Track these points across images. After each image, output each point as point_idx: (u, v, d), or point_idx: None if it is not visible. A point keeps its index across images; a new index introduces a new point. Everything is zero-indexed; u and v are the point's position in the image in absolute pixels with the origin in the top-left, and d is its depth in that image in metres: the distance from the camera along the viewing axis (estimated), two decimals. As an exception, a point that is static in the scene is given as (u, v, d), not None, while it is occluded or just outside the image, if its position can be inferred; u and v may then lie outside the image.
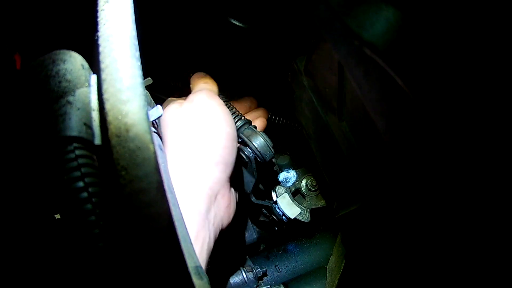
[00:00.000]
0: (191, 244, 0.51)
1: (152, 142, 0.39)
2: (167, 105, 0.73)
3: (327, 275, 0.84)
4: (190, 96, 0.71)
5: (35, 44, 0.57)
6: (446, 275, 0.46)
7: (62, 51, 0.45)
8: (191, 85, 0.80)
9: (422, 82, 0.38)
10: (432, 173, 0.41)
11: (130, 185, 0.38)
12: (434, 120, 0.37)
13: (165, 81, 0.96)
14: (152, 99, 0.70)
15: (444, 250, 0.45)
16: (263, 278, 0.85)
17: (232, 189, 0.68)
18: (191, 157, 0.61)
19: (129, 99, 0.39)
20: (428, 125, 0.39)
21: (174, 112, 0.67)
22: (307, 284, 0.84)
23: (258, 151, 0.74)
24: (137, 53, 0.42)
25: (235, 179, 0.69)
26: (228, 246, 0.64)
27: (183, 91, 0.90)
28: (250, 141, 0.75)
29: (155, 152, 0.39)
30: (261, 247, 0.94)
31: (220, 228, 0.64)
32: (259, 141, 0.74)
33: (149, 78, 0.68)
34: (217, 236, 0.62)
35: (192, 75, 0.82)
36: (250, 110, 0.92)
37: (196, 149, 0.62)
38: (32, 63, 0.45)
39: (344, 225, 0.83)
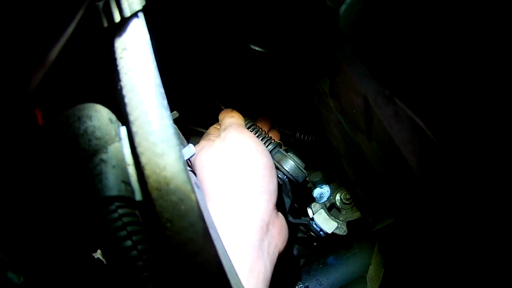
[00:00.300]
0: (238, 276, 0.51)
1: (193, 191, 0.38)
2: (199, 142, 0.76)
3: (368, 284, 0.83)
4: (221, 134, 0.72)
5: (53, 95, 0.57)
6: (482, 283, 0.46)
7: (86, 106, 0.44)
8: (219, 120, 0.82)
9: (447, 130, 0.39)
10: (456, 199, 0.42)
11: (176, 236, 0.38)
12: (456, 162, 0.39)
13: (192, 111, 0.96)
14: (182, 135, 0.70)
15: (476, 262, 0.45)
16: (306, 293, 0.84)
17: (279, 214, 0.68)
18: (234, 194, 0.62)
19: (164, 152, 0.38)
20: (453, 166, 0.40)
21: (208, 153, 0.68)
22: (348, 294, 0.84)
23: (291, 174, 0.75)
24: (165, 102, 0.41)
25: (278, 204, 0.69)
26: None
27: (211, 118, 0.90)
28: (282, 166, 0.75)
29: (197, 201, 0.38)
30: (301, 262, 0.93)
31: (277, 255, 0.64)
32: (290, 165, 0.75)
33: (175, 111, 0.68)
34: (274, 263, 0.63)
35: (217, 102, 0.83)
36: (268, 129, 0.92)
37: (238, 185, 0.63)
38: (57, 121, 0.44)
39: (381, 235, 0.83)
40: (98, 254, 0.51)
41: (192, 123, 0.96)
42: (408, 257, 0.70)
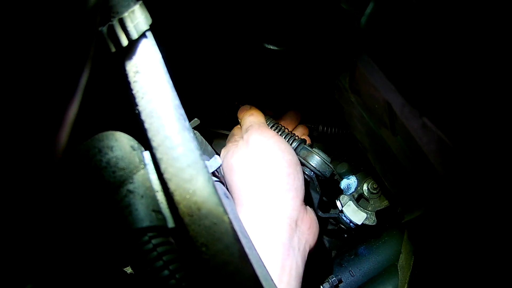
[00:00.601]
0: (273, 281, 0.51)
1: (226, 213, 0.38)
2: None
3: (399, 273, 0.83)
4: (244, 136, 0.73)
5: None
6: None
7: (105, 136, 0.43)
8: (239, 120, 0.82)
9: (470, 143, 0.39)
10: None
11: (212, 259, 0.37)
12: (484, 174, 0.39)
13: (213, 113, 0.96)
14: (205, 141, 0.69)
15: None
16: (339, 285, 0.83)
17: (308, 209, 0.69)
18: (261, 195, 0.63)
19: (192, 176, 0.37)
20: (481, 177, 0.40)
21: (235, 156, 0.70)
22: (380, 284, 0.83)
23: (318, 170, 0.74)
24: (187, 123, 0.40)
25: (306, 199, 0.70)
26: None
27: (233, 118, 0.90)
28: (308, 162, 0.75)
29: (231, 223, 0.37)
30: (333, 254, 0.93)
31: (308, 250, 0.65)
32: (316, 160, 0.74)
33: (196, 119, 0.67)
34: (306, 258, 0.63)
35: (237, 103, 0.85)
36: (296, 124, 0.91)
37: (264, 186, 0.64)
38: (76, 154, 0.43)
39: (410, 225, 0.82)
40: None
41: (215, 126, 0.96)
42: (437, 245, 0.69)
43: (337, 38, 0.60)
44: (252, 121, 0.77)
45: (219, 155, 0.65)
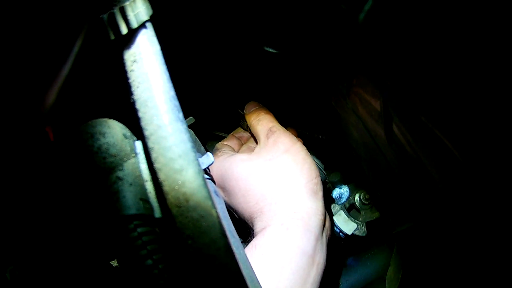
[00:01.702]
0: (258, 282, 0.51)
1: (214, 207, 0.37)
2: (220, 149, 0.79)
3: (386, 286, 0.83)
4: (270, 139, 0.73)
5: (64, 109, 0.56)
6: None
7: (98, 122, 0.43)
8: (250, 118, 0.81)
9: (471, 148, 0.39)
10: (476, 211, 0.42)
11: (198, 253, 0.37)
12: (478, 177, 0.39)
13: (209, 114, 0.96)
14: (199, 141, 0.69)
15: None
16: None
17: None
18: (297, 195, 0.65)
19: (182, 167, 0.37)
20: (474, 180, 0.40)
21: (260, 159, 0.71)
22: (367, 297, 0.83)
23: None
24: (181, 114, 0.40)
25: None
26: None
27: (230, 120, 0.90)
28: None
29: (218, 217, 0.37)
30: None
31: (327, 245, 0.67)
32: None
33: (191, 117, 0.67)
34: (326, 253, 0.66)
35: (240, 110, 0.85)
36: None
37: (299, 187, 0.66)
38: (69, 138, 0.43)
39: (400, 237, 0.82)
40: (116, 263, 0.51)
41: (209, 127, 0.96)
42: (427, 259, 0.69)
43: (337, 44, 0.60)
44: (272, 121, 0.77)
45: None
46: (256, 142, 0.79)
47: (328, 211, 0.81)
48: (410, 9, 0.41)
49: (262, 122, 0.77)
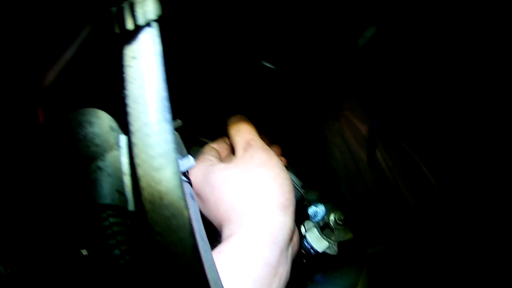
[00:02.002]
0: (222, 286, 0.51)
1: (187, 207, 0.38)
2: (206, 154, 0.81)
3: (352, 307, 0.84)
4: (248, 152, 0.75)
5: (58, 95, 0.57)
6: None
7: (87, 111, 0.44)
8: (231, 129, 0.83)
9: (446, 176, 0.40)
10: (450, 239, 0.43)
11: (165, 250, 0.38)
12: (453, 205, 0.40)
13: (198, 121, 0.97)
14: (183, 144, 0.70)
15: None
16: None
17: None
18: (266, 207, 0.66)
19: (161, 166, 0.38)
20: (449, 207, 0.41)
21: (233, 170, 0.72)
22: (333, 315, 0.84)
23: None
24: (169, 116, 0.41)
25: None
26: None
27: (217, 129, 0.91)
28: None
29: (189, 218, 0.38)
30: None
31: (293, 259, 0.69)
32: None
33: (179, 120, 0.68)
34: (291, 267, 0.67)
35: (227, 120, 0.85)
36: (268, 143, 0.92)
37: (269, 199, 0.67)
38: (58, 123, 0.44)
39: (370, 259, 0.83)
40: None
41: (196, 133, 0.97)
42: (395, 283, 0.70)
43: (334, 67, 0.62)
44: (253, 133, 0.79)
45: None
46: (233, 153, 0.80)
47: (300, 228, 0.82)
48: (408, 40, 0.42)
49: (240, 134, 0.79)
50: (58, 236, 0.45)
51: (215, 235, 0.72)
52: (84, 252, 0.47)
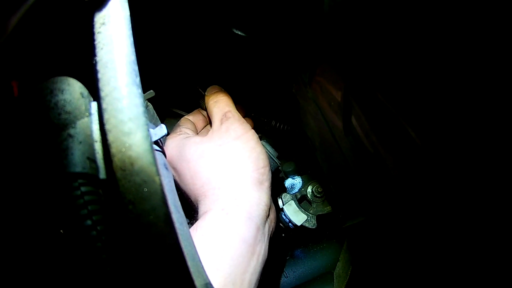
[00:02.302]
0: (200, 261, 0.51)
1: (158, 174, 0.38)
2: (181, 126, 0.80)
3: (334, 281, 0.84)
4: (224, 125, 0.74)
5: (31, 66, 0.55)
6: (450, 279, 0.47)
7: (59, 79, 0.43)
8: (206, 102, 0.82)
9: (430, 132, 0.39)
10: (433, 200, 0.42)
11: (137, 219, 0.37)
12: (437, 163, 0.39)
13: (171, 92, 0.95)
14: (156, 115, 0.69)
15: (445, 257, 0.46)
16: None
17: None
18: (242, 183, 0.66)
19: (131, 130, 0.37)
20: (432, 166, 0.40)
21: (209, 143, 0.72)
22: (314, 289, 0.84)
23: None
24: (138, 79, 0.40)
25: None
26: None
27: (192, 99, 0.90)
28: None
29: (161, 185, 0.37)
30: (267, 254, 0.93)
31: (271, 236, 0.68)
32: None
33: (151, 91, 0.67)
34: (268, 244, 0.66)
35: (198, 87, 0.85)
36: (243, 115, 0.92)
37: (245, 175, 0.67)
38: (30, 93, 0.43)
39: (351, 232, 0.83)
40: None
41: (169, 104, 0.95)
42: (377, 255, 0.70)
43: (303, 32, 0.61)
44: (229, 105, 0.78)
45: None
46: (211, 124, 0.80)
47: (277, 201, 0.82)
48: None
49: (218, 105, 0.79)
50: (33, 210, 0.44)
51: (193, 213, 0.71)
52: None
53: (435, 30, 0.37)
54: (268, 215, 0.68)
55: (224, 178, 0.67)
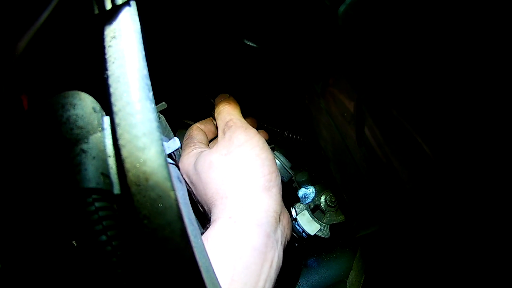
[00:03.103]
0: (214, 273, 0.51)
1: (173, 188, 0.37)
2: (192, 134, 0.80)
3: (347, 290, 0.83)
4: (226, 134, 0.74)
5: (40, 80, 0.55)
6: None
7: (70, 93, 0.43)
8: (216, 113, 0.82)
9: (442, 145, 0.38)
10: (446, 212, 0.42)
11: (153, 233, 0.37)
12: (449, 177, 0.39)
13: (183, 103, 0.95)
14: (169, 127, 0.69)
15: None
16: (285, 293, 0.83)
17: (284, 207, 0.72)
18: (247, 189, 0.66)
19: (145, 145, 0.37)
20: (445, 180, 0.40)
21: (215, 154, 0.72)
22: (327, 298, 0.83)
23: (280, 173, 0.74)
24: (151, 94, 0.40)
25: None
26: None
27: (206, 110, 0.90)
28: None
29: (176, 199, 0.37)
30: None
31: (285, 244, 0.68)
32: (278, 165, 0.74)
33: (163, 103, 0.67)
34: (283, 252, 0.66)
35: (213, 100, 0.84)
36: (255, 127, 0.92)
37: (250, 181, 0.66)
38: (41, 107, 0.43)
39: (364, 241, 0.82)
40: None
41: (182, 115, 0.95)
42: (390, 264, 0.69)
43: (316, 42, 0.61)
44: (232, 113, 0.78)
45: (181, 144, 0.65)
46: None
47: (291, 210, 0.81)
48: (391, 6, 0.41)
49: (220, 116, 0.79)
50: (47, 226, 0.43)
51: (206, 222, 0.71)
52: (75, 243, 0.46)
53: (449, 46, 0.36)
54: (280, 220, 0.67)
55: (231, 187, 0.67)
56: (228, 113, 0.78)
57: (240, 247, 0.59)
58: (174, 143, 0.50)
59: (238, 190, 0.66)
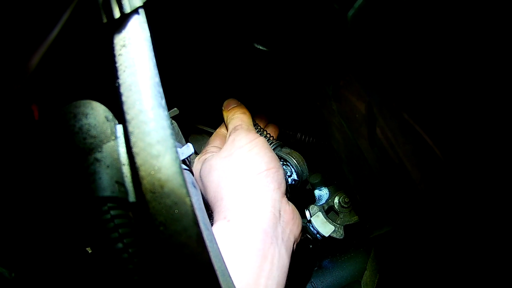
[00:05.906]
0: (230, 276, 0.51)
1: (189, 195, 0.37)
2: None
3: (362, 290, 0.83)
4: (231, 136, 0.75)
5: (51, 90, 0.56)
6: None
7: (81, 103, 0.43)
8: (225, 114, 0.83)
9: (451, 145, 0.38)
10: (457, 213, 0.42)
11: (169, 240, 0.37)
12: (460, 176, 0.39)
13: (195, 108, 0.96)
14: (181, 134, 0.69)
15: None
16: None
17: (291, 203, 0.70)
18: (243, 188, 0.65)
19: (160, 153, 0.37)
20: (456, 179, 0.39)
21: (219, 157, 0.72)
22: (342, 299, 0.83)
23: (295, 169, 0.75)
24: (163, 101, 0.40)
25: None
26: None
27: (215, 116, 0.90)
28: (291, 158, 0.76)
29: (192, 206, 0.37)
30: (296, 264, 0.92)
31: (293, 241, 0.66)
32: (295, 160, 0.74)
33: (175, 109, 0.67)
34: (291, 249, 0.65)
35: (219, 101, 0.85)
36: (265, 124, 0.93)
37: (246, 180, 0.66)
38: (52, 117, 0.43)
39: (377, 241, 0.82)
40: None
41: (194, 120, 0.96)
42: (404, 264, 0.69)
43: (327, 45, 0.61)
44: (242, 120, 0.79)
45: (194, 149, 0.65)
46: None
47: (305, 212, 0.81)
48: (400, 9, 0.41)
49: (232, 122, 0.80)
50: (61, 235, 0.44)
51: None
52: (89, 250, 0.46)
53: (456, 48, 0.36)
54: (280, 216, 0.66)
55: (227, 188, 0.67)
56: (240, 119, 0.79)
57: (235, 246, 0.59)
58: (187, 149, 0.50)
59: (233, 190, 0.66)
